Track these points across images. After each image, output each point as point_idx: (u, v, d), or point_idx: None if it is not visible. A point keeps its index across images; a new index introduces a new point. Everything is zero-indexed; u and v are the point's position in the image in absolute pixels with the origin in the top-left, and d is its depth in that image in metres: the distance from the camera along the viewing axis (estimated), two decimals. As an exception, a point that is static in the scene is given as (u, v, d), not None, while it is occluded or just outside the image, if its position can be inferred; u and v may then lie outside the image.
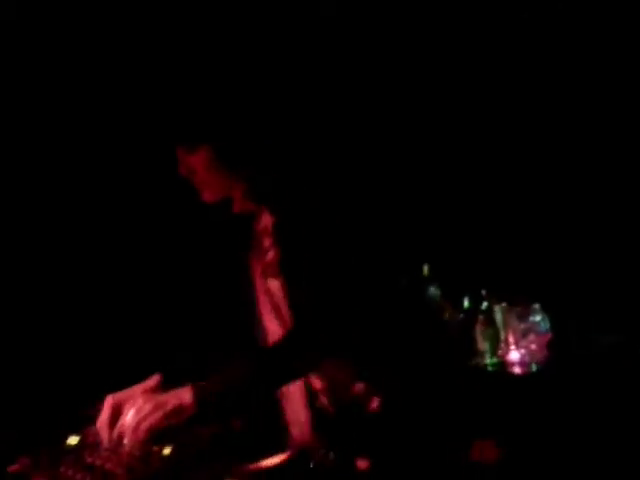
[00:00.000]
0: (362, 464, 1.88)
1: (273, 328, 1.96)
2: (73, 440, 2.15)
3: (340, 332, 1.79)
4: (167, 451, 2.01)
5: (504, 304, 3.01)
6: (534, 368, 2.86)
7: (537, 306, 2.90)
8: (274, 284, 1.95)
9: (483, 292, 3.05)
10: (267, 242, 1.93)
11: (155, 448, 2.00)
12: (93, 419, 2.17)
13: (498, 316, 2.96)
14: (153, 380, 1.98)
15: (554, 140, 3.20)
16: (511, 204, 3.24)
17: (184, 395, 1.82)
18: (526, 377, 2.89)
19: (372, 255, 1.91)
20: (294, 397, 2.01)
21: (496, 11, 3.03)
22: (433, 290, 3.05)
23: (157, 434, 1.91)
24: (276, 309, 1.96)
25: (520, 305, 2.96)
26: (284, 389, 1.99)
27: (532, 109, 3.16)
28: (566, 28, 3.01)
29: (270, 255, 1.91)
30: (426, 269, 3.08)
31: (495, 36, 3.10)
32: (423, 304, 2.77)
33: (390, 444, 1.87)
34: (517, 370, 2.86)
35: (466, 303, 3.03)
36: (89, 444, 2.14)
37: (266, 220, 1.93)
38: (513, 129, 3.24)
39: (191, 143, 1.85)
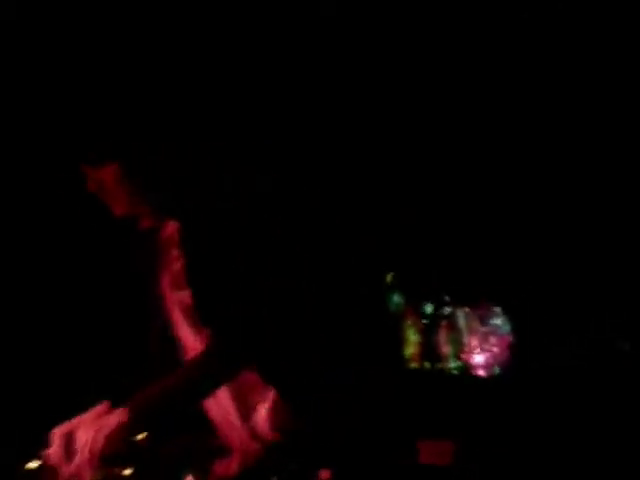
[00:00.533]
0: (325, 474, 1.88)
1: (187, 337, 1.96)
2: (33, 464, 2.13)
3: (255, 341, 1.80)
4: (127, 472, 2.00)
5: (466, 308, 3.02)
6: (497, 370, 2.87)
7: (498, 309, 2.91)
8: (183, 294, 1.95)
9: (445, 297, 3.06)
10: (174, 253, 1.93)
11: (116, 470, 1.98)
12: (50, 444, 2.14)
13: (461, 320, 2.97)
14: (102, 406, 1.98)
15: (515, 143, 3.21)
16: (470, 209, 3.24)
17: (121, 414, 1.83)
18: (490, 379, 2.90)
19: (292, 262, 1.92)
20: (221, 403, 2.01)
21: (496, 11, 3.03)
22: (396, 297, 3.06)
23: (114, 456, 1.89)
24: (188, 319, 1.97)
25: (481, 308, 2.97)
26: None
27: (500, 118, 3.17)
28: (566, 28, 3.01)
29: (177, 265, 1.91)
30: (389, 276, 3.09)
31: (495, 36, 3.10)
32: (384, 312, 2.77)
33: (347, 451, 1.88)
34: (481, 372, 2.87)
35: (429, 309, 3.04)
36: (49, 467, 2.11)
37: (172, 230, 1.93)
38: (478, 133, 3.25)
39: (100, 160, 1.85)
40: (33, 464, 2.13)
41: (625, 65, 3.02)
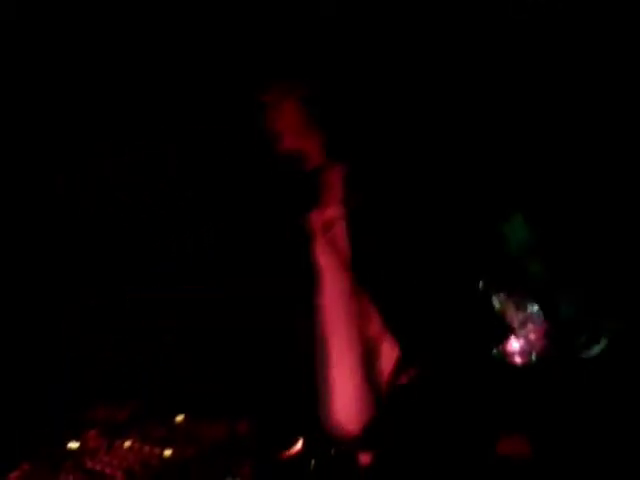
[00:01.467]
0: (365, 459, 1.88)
1: (334, 277, 1.95)
2: (73, 445, 2.15)
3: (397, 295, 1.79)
4: (167, 453, 2.01)
5: (502, 294, 3.00)
6: (534, 358, 2.85)
7: (535, 295, 2.89)
8: (338, 235, 1.94)
9: (480, 283, 3.04)
10: (332, 197, 1.93)
11: (155, 450, 2.00)
12: (92, 423, 2.17)
13: (496, 306, 2.95)
14: None
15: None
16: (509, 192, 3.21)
17: None
18: (527, 366, 2.88)
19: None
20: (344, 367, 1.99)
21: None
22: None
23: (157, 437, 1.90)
24: (338, 258, 1.95)
25: (517, 294, 2.95)
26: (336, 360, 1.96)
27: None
28: (566, 29, 2.99)
29: (329, 212, 1.92)
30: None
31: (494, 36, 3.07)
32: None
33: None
34: (518, 360, 2.85)
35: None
36: (89, 449, 2.14)
37: (334, 177, 1.93)
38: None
39: (289, 87, 1.87)
40: (73, 445, 2.15)
41: (625, 65, 3.00)
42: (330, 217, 1.94)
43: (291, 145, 1.93)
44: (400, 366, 1.90)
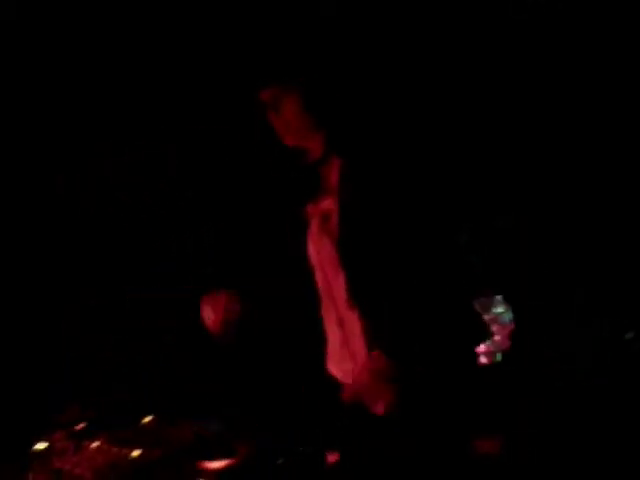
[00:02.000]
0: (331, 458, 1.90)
1: (330, 265, 1.97)
2: (41, 446, 2.14)
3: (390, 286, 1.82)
4: (135, 453, 2.02)
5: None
6: (499, 357, 2.89)
7: (500, 298, 2.93)
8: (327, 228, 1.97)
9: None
10: (327, 191, 1.95)
11: (124, 451, 2.01)
12: (61, 425, 2.17)
13: (461, 309, 2.98)
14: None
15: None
16: (474, 197, 3.25)
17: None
18: (491, 366, 2.92)
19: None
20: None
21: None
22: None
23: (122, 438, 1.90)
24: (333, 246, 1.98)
25: (483, 297, 2.99)
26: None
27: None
28: (565, 28, 3.02)
29: (325, 204, 1.94)
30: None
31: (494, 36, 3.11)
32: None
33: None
34: (483, 360, 2.89)
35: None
36: (57, 450, 2.14)
37: (331, 170, 1.94)
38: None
39: (288, 83, 1.88)
40: (41, 445, 2.15)
41: (625, 64, 3.03)
42: (326, 208, 1.97)
43: (292, 142, 1.95)
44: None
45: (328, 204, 2.00)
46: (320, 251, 2.02)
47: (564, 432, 2.65)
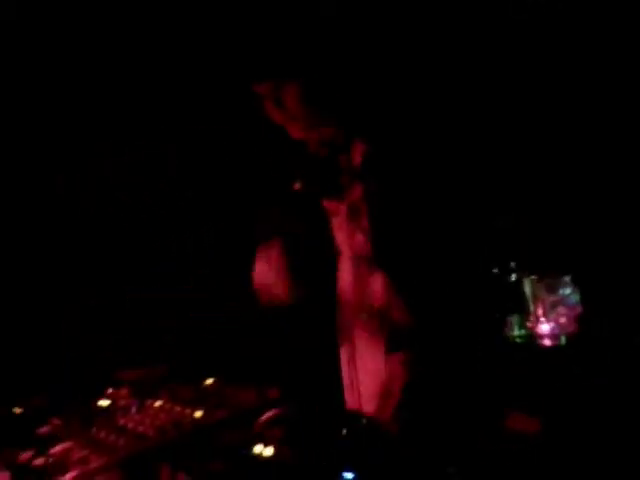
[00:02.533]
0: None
1: (347, 267, 1.93)
2: (104, 402, 2.15)
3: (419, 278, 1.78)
4: (198, 414, 2.02)
5: (533, 277, 2.98)
6: (563, 341, 2.84)
7: (567, 279, 2.87)
8: (357, 217, 1.92)
9: (512, 264, 3.03)
10: (353, 180, 1.89)
11: (186, 411, 2.00)
12: (124, 382, 2.18)
13: (527, 288, 2.94)
14: None
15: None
16: (542, 179, 3.20)
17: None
18: (555, 349, 2.87)
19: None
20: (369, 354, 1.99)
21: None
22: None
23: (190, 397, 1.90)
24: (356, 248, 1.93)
25: (549, 277, 2.94)
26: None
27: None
28: (566, 29, 2.97)
29: (356, 193, 1.88)
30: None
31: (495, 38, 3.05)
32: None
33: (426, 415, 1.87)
34: (547, 342, 2.84)
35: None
36: (120, 407, 2.14)
37: (355, 157, 1.89)
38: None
39: (284, 77, 1.81)
40: (104, 402, 2.15)
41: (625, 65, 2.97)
42: (354, 199, 1.90)
43: (300, 134, 1.87)
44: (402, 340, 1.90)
45: (355, 194, 1.92)
46: (352, 246, 1.95)
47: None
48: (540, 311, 2.93)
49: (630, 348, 2.77)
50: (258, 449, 1.89)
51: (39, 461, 1.92)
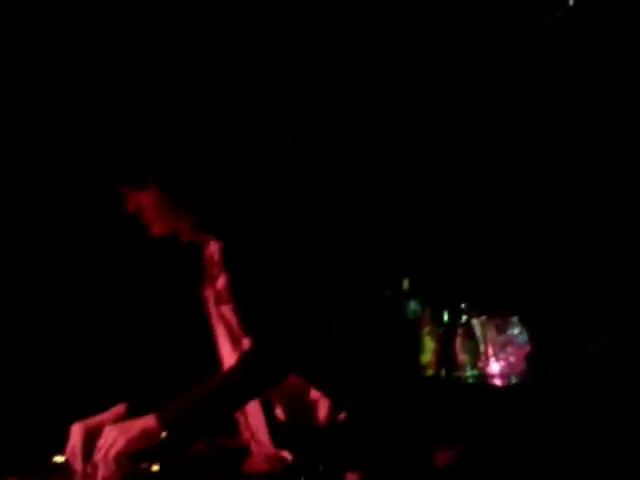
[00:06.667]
0: (351, 477, 1.91)
1: (228, 353, 1.99)
2: (59, 459, 2.14)
3: (296, 350, 1.83)
4: (155, 468, 2.02)
5: (483, 317, 3.04)
6: (514, 380, 2.89)
7: (515, 319, 2.95)
8: (227, 310, 1.98)
9: (462, 306, 3.09)
10: (216, 270, 1.96)
11: (143, 465, 2.01)
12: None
13: (477, 329, 3.00)
14: (119, 408, 2.01)
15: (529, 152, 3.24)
16: (488, 219, 3.27)
17: (149, 420, 1.85)
18: (506, 389, 2.93)
19: (339, 269, 1.94)
20: (252, 413, 2.04)
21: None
22: (413, 304, 3.09)
23: (137, 455, 1.91)
24: (231, 334, 2.00)
25: (499, 318, 3.00)
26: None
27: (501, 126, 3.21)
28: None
29: (220, 283, 1.95)
30: (406, 283, 3.11)
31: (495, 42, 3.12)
32: (402, 317, 2.80)
33: (371, 456, 1.90)
34: (497, 382, 2.90)
35: (445, 317, 3.07)
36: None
37: (213, 248, 1.96)
38: (490, 142, 3.28)
39: (139, 182, 1.85)
40: (59, 459, 2.15)
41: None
42: (219, 289, 1.97)
43: (160, 231, 1.92)
44: (333, 412, 1.95)
45: (220, 284, 1.99)
46: (224, 322, 2.01)
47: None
48: (490, 351, 2.98)
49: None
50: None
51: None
